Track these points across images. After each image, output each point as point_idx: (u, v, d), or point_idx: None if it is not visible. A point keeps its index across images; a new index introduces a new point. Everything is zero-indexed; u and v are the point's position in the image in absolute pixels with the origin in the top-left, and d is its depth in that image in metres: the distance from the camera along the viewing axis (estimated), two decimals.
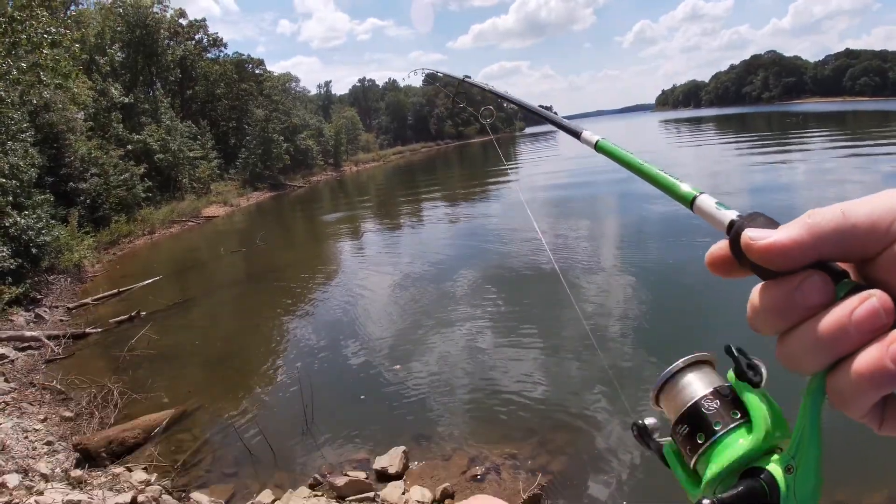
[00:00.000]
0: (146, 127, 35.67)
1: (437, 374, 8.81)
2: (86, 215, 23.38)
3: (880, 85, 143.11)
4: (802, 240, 0.46)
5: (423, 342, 10.16)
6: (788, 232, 0.46)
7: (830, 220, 0.46)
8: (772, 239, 0.46)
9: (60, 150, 23.34)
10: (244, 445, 7.13)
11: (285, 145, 51.71)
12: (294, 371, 9.32)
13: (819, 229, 0.46)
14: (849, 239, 0.45)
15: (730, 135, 57.53)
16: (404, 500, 5.71)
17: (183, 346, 11.84)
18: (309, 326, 12.19)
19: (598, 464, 6.10)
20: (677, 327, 9.60)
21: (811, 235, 0.46)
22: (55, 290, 16.46)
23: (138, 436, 7.47)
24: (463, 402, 7.82)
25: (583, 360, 8.64)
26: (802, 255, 0.46)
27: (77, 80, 21.69)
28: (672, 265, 12.65)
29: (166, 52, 44.54)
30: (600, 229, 17.56)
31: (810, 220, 0.46)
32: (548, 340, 9.52)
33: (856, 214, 0.45)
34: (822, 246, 0.46)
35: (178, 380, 9.88)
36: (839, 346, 0.44)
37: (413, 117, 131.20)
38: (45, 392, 9.30)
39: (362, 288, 14.46)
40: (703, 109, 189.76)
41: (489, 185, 35.92)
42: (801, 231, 0.46)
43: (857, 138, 36.83)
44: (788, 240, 0.46)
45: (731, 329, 8.74)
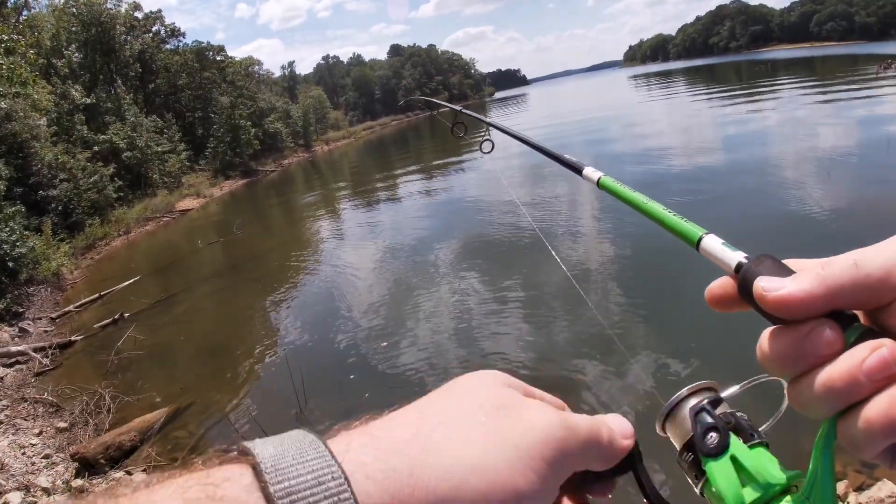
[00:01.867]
0: (111, 126, 34.91)
1: (425, 346, 8.90)
2: (59, 222, 22.96)
3: (847, 29, 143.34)
4: (816, 293, 0.46)
5: (409, 316, 10.24)
6: (802, 284, 0.47)
7: (844, 272, 0.46)
8: (785, 291, 0.47)
9: (26, 159, 22.79)
10: (240, 436, 7.18)
11: (254, 130, 50.93)
12: (283, 357, 9.35)
13: (832, 281, 0.46)
14: (862, 290, 0.46)
15: (700, 86, 57.62)
16: None
17: (170, 343, 11.83)
18: (294, 311, 12.21)
19: None
20: (663, 282, 9.76)
21: (824, 288, 0.46)
22: (36, 301, 16.26)
23: (134, 438, 7.49)
24: (454, 372, 7.91)
25: (573, 321, 8.79)
26: (815, 307, 0.46)
27: (36, 85, 21.17)
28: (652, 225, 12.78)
29: (124, 47, 43.36)
30: (577, 191, 17.64)
31: (823, 273, 0.47)
32: (534, 304, 9.63)
33: (869, 265, 0.46)
34: (835, 298, 0.46)
35: (169, 378, 9.90)
36: (849, 395, 0.44)
37: (380, 91, 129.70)
38: (38, 405, 9.25)
39: (343, 268, 14.48)
40: (672, 63, 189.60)
41: (463, 155, 35.83)
42: (815, 283, 0.46)
43: (827, 84, 37.05)
44: (802, 293, 0.46)
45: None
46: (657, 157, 20.27)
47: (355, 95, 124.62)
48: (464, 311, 9.91)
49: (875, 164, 14.11)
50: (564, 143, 28.23)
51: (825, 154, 15.85)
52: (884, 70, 37.72)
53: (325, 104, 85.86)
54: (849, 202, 11.68)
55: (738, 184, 14.71)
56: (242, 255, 18.93)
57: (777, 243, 9.99)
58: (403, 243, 15.44)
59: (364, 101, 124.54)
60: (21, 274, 16.29)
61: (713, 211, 12.69)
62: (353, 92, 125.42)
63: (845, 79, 38.30)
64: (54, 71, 34.45)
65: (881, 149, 14.99)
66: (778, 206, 12.11)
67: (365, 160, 52.18)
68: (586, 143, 28.68)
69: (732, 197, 13.71)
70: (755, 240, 9.93)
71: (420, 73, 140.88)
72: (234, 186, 44.69)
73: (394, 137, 75.39)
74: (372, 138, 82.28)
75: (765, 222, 11.19)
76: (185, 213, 33.57)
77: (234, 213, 30.34)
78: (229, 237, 22.24)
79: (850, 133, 18.50)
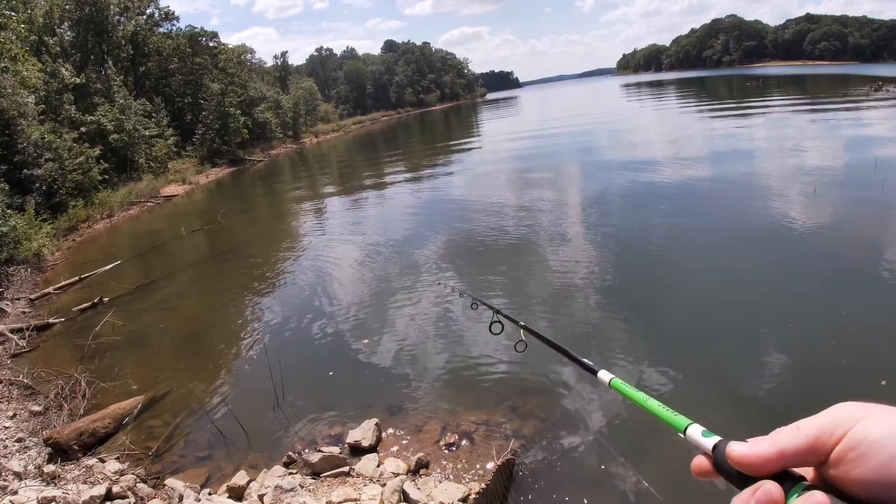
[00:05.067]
0: (99, 107, 34.49)
1: (405, 345, 8.92)
2: (42, 202, 22.65)
3: (840, 49, 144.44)
4: (769, 452, 0.61)
5: (391, 314, 10.25)
6: (758, 446, 0.62)
7: (788, 435, 0.61)
8: (745, 450, 0.62)
9: (12, 136, 22.48)
10: (216, 428, 7.16)
11: (243, 119, 50.61)
12: (262, 349, 9.35)
13: (780, 443, 0.61)
14: (803, 449, 0.60)
15: (690, 98, 58.03)
16: (379, 472, 5.83)
17: (148, 330, 11.72)
18: (275, 303, 12.17)
19: (570, 425, 6.30)
20: (640, 283, 9.87)
21: (775, 449, 0.61)
22: (15, 281, 16.04)
23: (109, 425, 7.44)
24: (433, 371, 7.95)
25: (551, 322, 8.86)
26: (770, 465, 0.61)
27: (26, 62, 20.87)
28: (631, 224, 12.95)
29: (117, 28, 42.89)
30: (563, 192, 17.74)
31: (774, 437, 0.62)
32: (514, 304, 9.67)
33: (807, 428, 0.61)
34: (784, 458, 0.60)
35: (146, 365, 9.82)
36: None
37: (372, 86, 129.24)
38: (13, 387, 9.14)
39: (327, 262, 14.45)
40: (664, 73, 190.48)
41: (452, 154, 35.85)
42: (767, 445, 0.62)
43: (817, 102, 37.48)
44: (759, 451, 0.62)
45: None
46: (642, 169, 20.43)
47: (347, 89, 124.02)
48: (445, 312, 9.94)
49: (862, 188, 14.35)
50: (553, 152, 28.40)
51: (811, 175, 16.06)
52: (874, 91, 38.26)
53: (317, 96, 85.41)
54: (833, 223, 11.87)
55: (721, 200, 14.87)
56: (226, 244, 18.81)
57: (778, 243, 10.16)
58: (388, 240, 15.42)
59: (355, 96, 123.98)
60: (1, 253, 16.07)
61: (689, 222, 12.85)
62: (345, 85, 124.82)
63: (835, 97, 38.78)
64: (45, 49, 34.03)
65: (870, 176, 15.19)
66: (762, 219, 12.25)
67: (353, 154, 52.00)
68: (573, 151, 28.84)
69: (709, 213, 13.87)
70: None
71: (413, 70, 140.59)
72: (220, 174, 44.36)
73: (384, 133, 75.21)
74: (361, 133, 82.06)
75: (745, 220, 11.37)
76: (169, 199, 33.27)
77: (219, 202, 30.15)
78: (213, 225, 22.10)
79: (834, 153, 18.74)
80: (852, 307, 7.87)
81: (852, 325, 7.42)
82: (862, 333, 7.16)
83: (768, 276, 9.46)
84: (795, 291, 8.74)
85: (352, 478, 5.85)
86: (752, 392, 6.36)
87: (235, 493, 5.81)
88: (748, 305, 8.48)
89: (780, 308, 8.19)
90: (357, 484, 5.70)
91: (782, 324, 7.74)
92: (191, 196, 34.87)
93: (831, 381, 6.31)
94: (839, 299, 8.27)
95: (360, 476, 5.84)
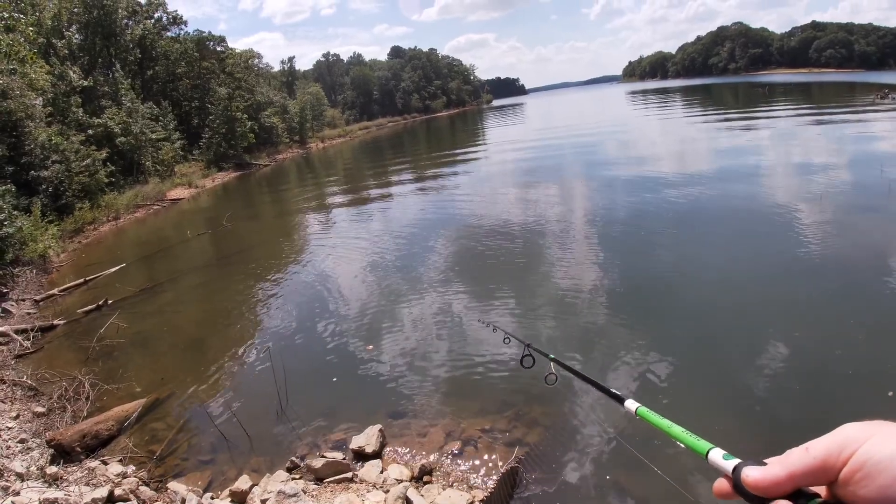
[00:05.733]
0: (107, 110, 34.72)
1: (409, 351, 8.88)
2: (49, 204, 22.79)
3: (846, 57, 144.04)
4: (780, 475, 0.66)
5: (395, 320, 10.21)
6: (770, 470, 0.67)
7: (798, 457, 0.66)
8: (758, 475, 0.67)
9: (20, 138, 22.60)
10: (219, 431, 7.13)
11: (249, 123, 50.83)
12: (266, 353, 9.31)
13: (791, 465, 0.66)
14: (812, 471, 0.64)
15: (696, 106, 57.88)
16: (382, 478, 5.79)
17: (153, 332, 11.73)
18: (279, 308, 12.14)
19: (575, 434, 6.23)
20: (646, 287, 9.80)
21: (786, 472, 0.65)
22: (21, 282, 16.10)
23: (112, 427, 7.42)
24: (437, 378, 7.90)
25: (556, 328, 8.81)
26: (783, 486, 0.65)
27: (34, 64, 20.96)
28: (637, 227, 12.89)
29: (125, 32, 43.20)
30: (569, 198, 17.69)
31: (785, 460, 0.67)
32: (519, 310, 9.65)
33: (815, 449, 0.65)
34: (796, 479, 0.65)
35: (150, 367, 9.81)
36: None
37: (379, 91, 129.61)
38: (17, 388, 9.14)
39: (332, 267, 14.43)
40: (670, 80, 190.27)
41: (458, 160, 35.82)
42: (778, 469, 0.66)
43: (823, 110, 37.32)
44: (771, 475, 0.66)
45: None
46: (645, 180, 20.37)
47: (353, 94, 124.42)
48: (450, 319, 9.89)
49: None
50: (558, 163, 28.39)
51: (817, 183, 15.98)
52: (880, 99, 38.15)
53: (323, 101, 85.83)
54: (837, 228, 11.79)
55: (729, 205, 14.79)
56: (231, 248, 18.84)
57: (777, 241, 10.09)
58: (394, 247, 15.39)
59: (362, 101, 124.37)
60: (7, 254, 16.13)
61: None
62: (352, 91, 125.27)
63: (841, 105, 38.64)
64: (53, 51, 34.24)
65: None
66: (770, 229, 12.18)
67: (360, 160, 52.06)
68: (577, 163, 28.80)
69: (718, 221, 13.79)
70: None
71: (419, 76, 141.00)
72: (226, 178, 44.51)
73: (390, 139, 75.29)
74: (367, 138, 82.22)
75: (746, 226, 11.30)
76: (175, 203, 33.40)
77: (225, 206, 30.20)
78: (219, 229, 22.14)
79: (843, 163, 18.64)
80: (859, 316, 7.80)
81: (859, 334, 7.35)
82: (870, 343, 7.10)
83: (777, 290, 9.33)
84: (802, 300, 8.67)
85: (355, 484, 5.81)
86: (762, 405, 6.28)
87: (238, 497, 5.78)
88: (757, 316, 8.40)
89: (788, 317, 8.12)
90: (360, 490, 5.66)
91: (790, 332, 7.66)
92: (197, 200, 34.99)
93: (839, 392, 6.25)
94: (845, 308, 8.19)
95: (364, 482, 5.80)
